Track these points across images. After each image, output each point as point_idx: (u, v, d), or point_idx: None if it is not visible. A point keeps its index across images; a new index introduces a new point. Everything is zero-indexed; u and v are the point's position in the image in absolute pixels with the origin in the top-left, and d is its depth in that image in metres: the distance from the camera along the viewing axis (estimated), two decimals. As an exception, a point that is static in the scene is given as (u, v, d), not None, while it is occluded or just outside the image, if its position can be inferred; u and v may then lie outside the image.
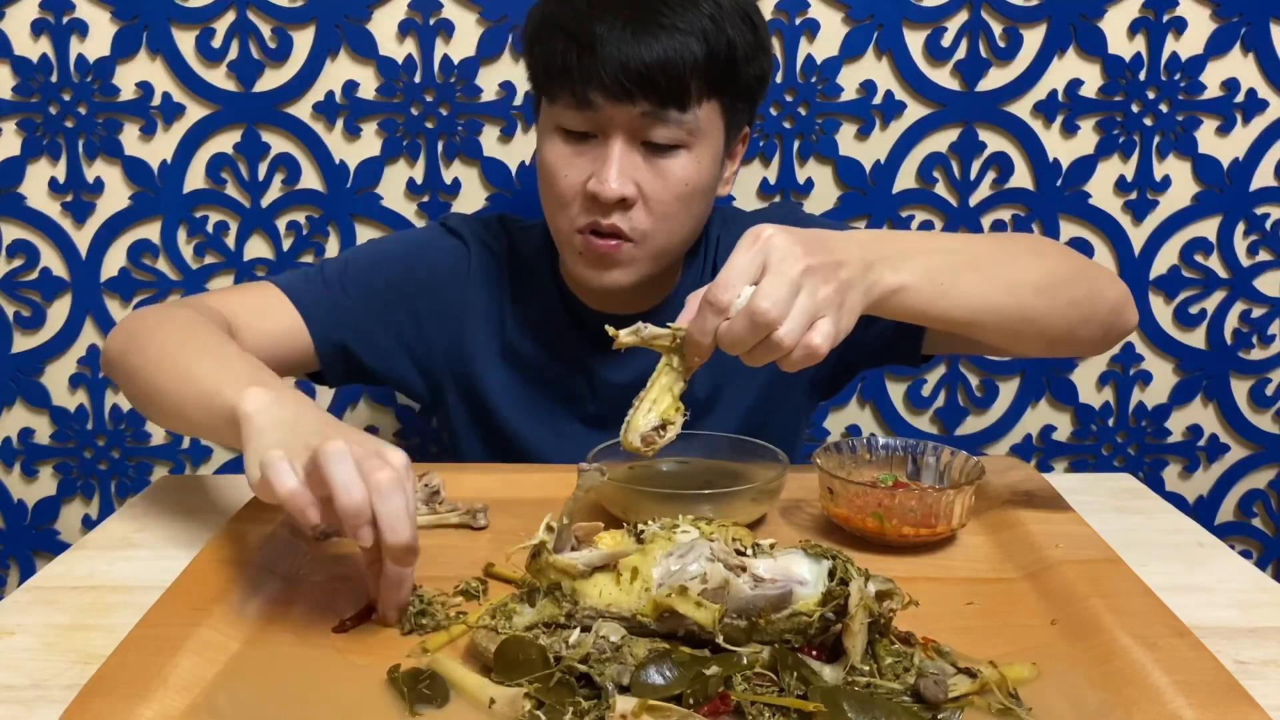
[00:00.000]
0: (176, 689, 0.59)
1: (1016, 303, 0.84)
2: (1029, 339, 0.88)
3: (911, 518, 0.80)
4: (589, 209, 0.97)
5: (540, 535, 0.65)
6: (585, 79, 0.92)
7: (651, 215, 0.97)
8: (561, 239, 1.02)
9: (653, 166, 0.96)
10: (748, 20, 0.97)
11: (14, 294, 1.44)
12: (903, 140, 1.41)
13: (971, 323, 0.83)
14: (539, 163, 1.01)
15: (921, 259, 0.79)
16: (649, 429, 0.73)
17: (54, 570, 0.80)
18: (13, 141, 1.39)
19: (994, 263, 0.84)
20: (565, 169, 0.97)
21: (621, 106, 0.93)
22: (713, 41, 0.93)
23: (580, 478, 0.68)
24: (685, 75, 0.92)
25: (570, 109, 0.95)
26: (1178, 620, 0.66)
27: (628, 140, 0.95)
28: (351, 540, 0.66)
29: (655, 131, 0.94)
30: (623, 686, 0.57)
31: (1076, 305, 0.88)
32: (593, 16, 0.92)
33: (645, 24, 0.91)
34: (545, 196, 1.02)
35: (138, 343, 0.92)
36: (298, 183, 1.41)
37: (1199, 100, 1.41)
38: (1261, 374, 1.51)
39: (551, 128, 0.98)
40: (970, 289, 0.81)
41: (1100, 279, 0.91)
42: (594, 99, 0.93)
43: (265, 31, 1.36)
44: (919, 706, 0.57)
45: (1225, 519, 1.56)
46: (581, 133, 0.96)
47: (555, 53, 0.94)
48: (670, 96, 0.93)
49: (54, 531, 1.52)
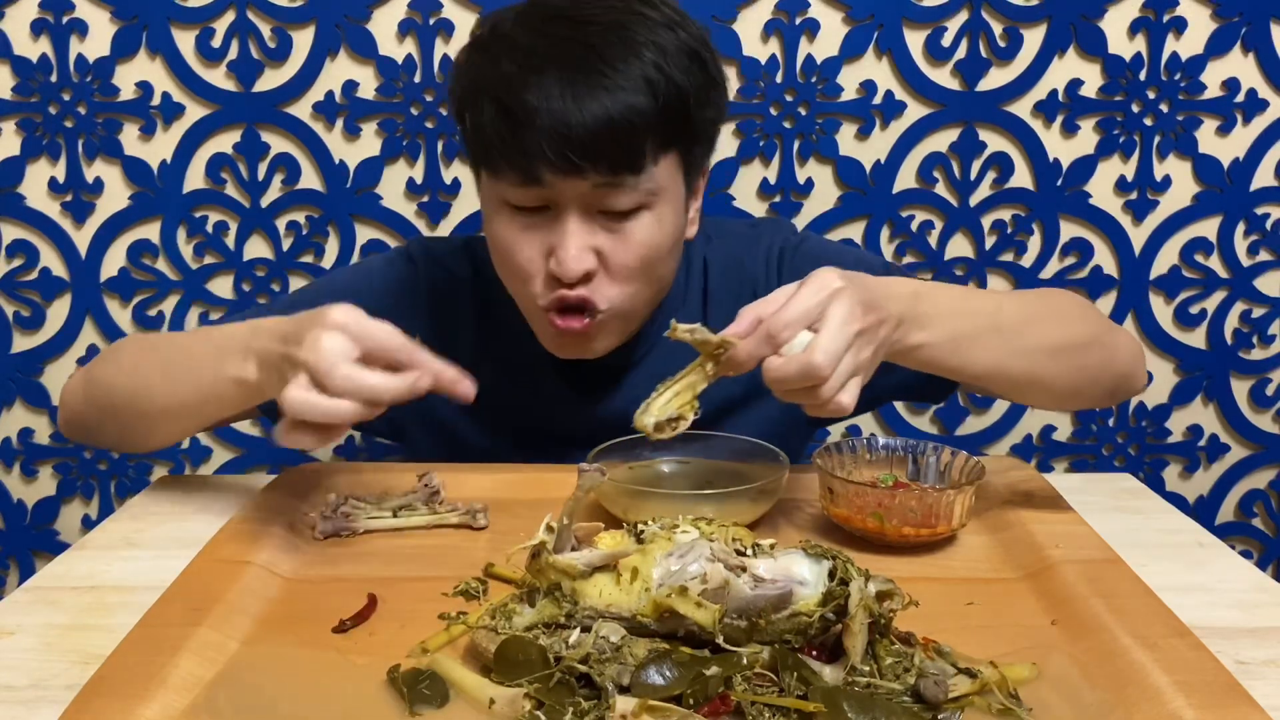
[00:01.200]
0: (176, 689, 0.59)
1: (1028, 366, 0.87)
2: (1034, 396, 0.92)
3: (911, 518, 0.80)
4: (551, 285, 0.89)
5: (540, 535, 0.65)
6: (527, 154, 0.83)
7: (616, 282, 0.89)
8: (528, 314, 0.95)
9: (613, 233, 0.88)
10: (696, 59, 0.87)
11: (14, 294, 1.44)
12: (903, 140, 1.41)
13: (980, 380, 0.87)
14: (490, 237, 0.93)
15: (950, 321, 0.82)
16: (664, 419, 0.75)
17: (54, 570, 0.80)
18: (13, 141, 1.39)
19: (1016, 329, 0.86)
20: (519, 244, 0.89)
21: (571, 180, 0.84)
22: (661, 92, 0.83)
23: (580, 478, 0.68)
24: (636, 135, 0.83)
25: (516, 185, 0.86)
26: (1178, 620, 0.66)
27: (582, 212, 0.86)
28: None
29: (612, 199, 0.86)
30: (623, 687, 0.56)
31: (1086, 370, 0.90)
32: (525, 82, 0.83)
33: (583, 84, 0.82)
34: (503, 274, 0.93)
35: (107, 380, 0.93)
36: (298, 183, 1.41)
37: (1199, 100, 1.41)
38: (1261, 374, 1.51)
39: (497, 202, 0.89)
40: (984, 353, 0.84)
41: (1116, 345, 0.93)
42: (541, 174, 0.83)
43: (265, 31, 1.36)
44: (919, 707, 0.56)
45: (1225, 519, 1.56)
46: (531, 207, 0.87)
47: (489, 124, 0.84)
48: (623, 162, 0.84)
49: (54, 531, 1.52)
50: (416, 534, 0.84)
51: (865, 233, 1.43)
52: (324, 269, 1.43)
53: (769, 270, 1.04)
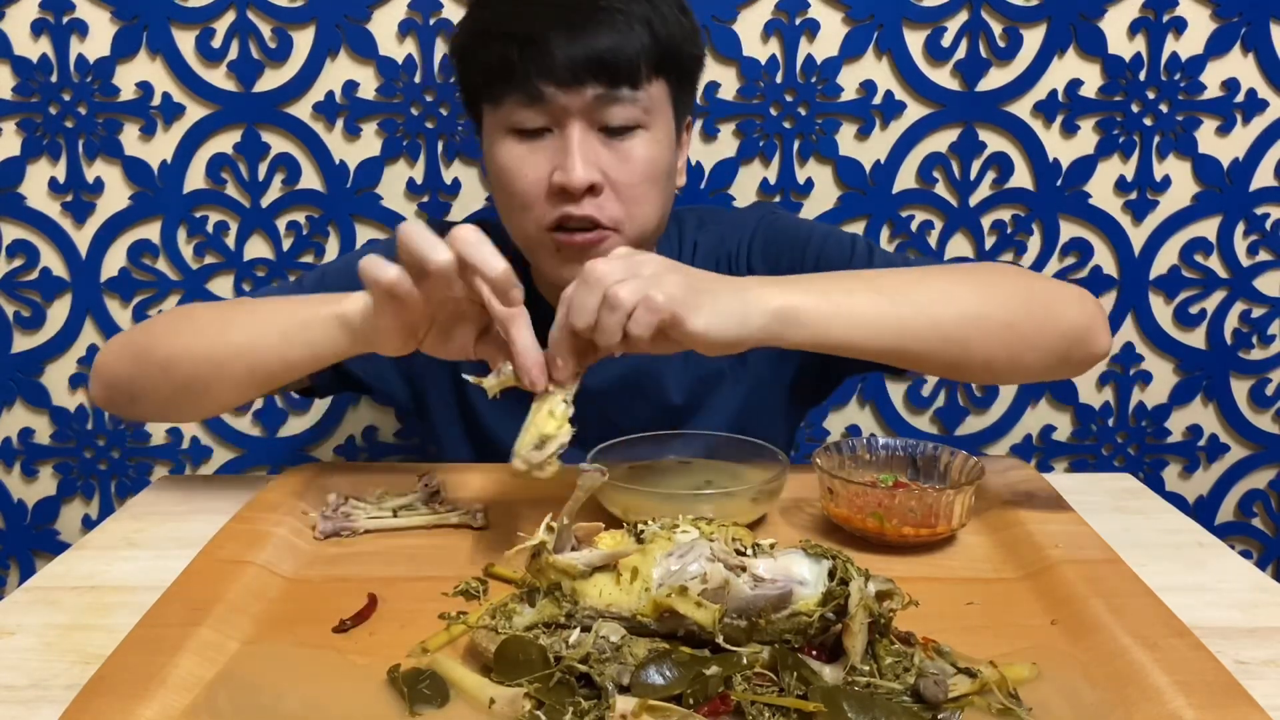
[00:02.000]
0: (176, 689, 0.59)
1: (932, 325, 0.82)
2: (966, 366, 0.86)
3: (911, 518, 0.80)
4: (556, 204, 0.94)
5: (540, 535, 0.65)
6: (535, 73, 0.91)
7: (621, 201, 0.95)
8: (531, 243, 0.99)
9: (614, 151, 0.94)
10: (680, 8, 0.98)
11: (14, 294, 1.44)
12: (903, 140, 1.41)
13: (886, 350, 0.82)
14: (493, 172, 0.99)
15: (814, 282, 0.83)
16: (529, 450, 0.74)
17: (54, 570, 0.80)
18: (13, 141, 1.39)
19: (906, 287, 0.84)
20: (523, 168, 0.95)
21: (574, 92, 0.91)
22: (655, 26, 0.93)
23: (580, 478, 0.68)
24: (633, 52, 0.92)
25: (521, 107, 0.93)
26: (1178, 620, 0.66)
27: (585, 127, 0.93)
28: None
29: (611, 113, 0.93)
30: (623, 686, 0.57)
31: (1013, 329, 0.85)
32: (530, 14, 0.92)
33: (584, 13, 0.91)
34: (505, 203, 0.99)
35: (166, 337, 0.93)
36: (298, 183, 1.41)
37: (1199, 100, 1.41)
38: (1261, 374, 1.51)
39: (502, 131, 0.96)
40: (870, 310, 0.81)
41: (1058, 304, 0.87)
42: (545, 90, 0.91)
43: (265, 31, 1.36)
44: (919, 706, 0.57)
45: (1225, 519, 1.56)
46: (534, 130, 0.94)
47: (497, 54, 0.92)
48: (620, 74, 0.92)
49: (54, 531, 1.52)
50: (416, 534, 0.84)
51: (865, 233, 1.43)
52: (324, 269, 1.43)
53: (741, 246, 1.10)
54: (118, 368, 0.95)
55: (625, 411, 1.05)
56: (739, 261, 1.10)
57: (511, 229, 1.01)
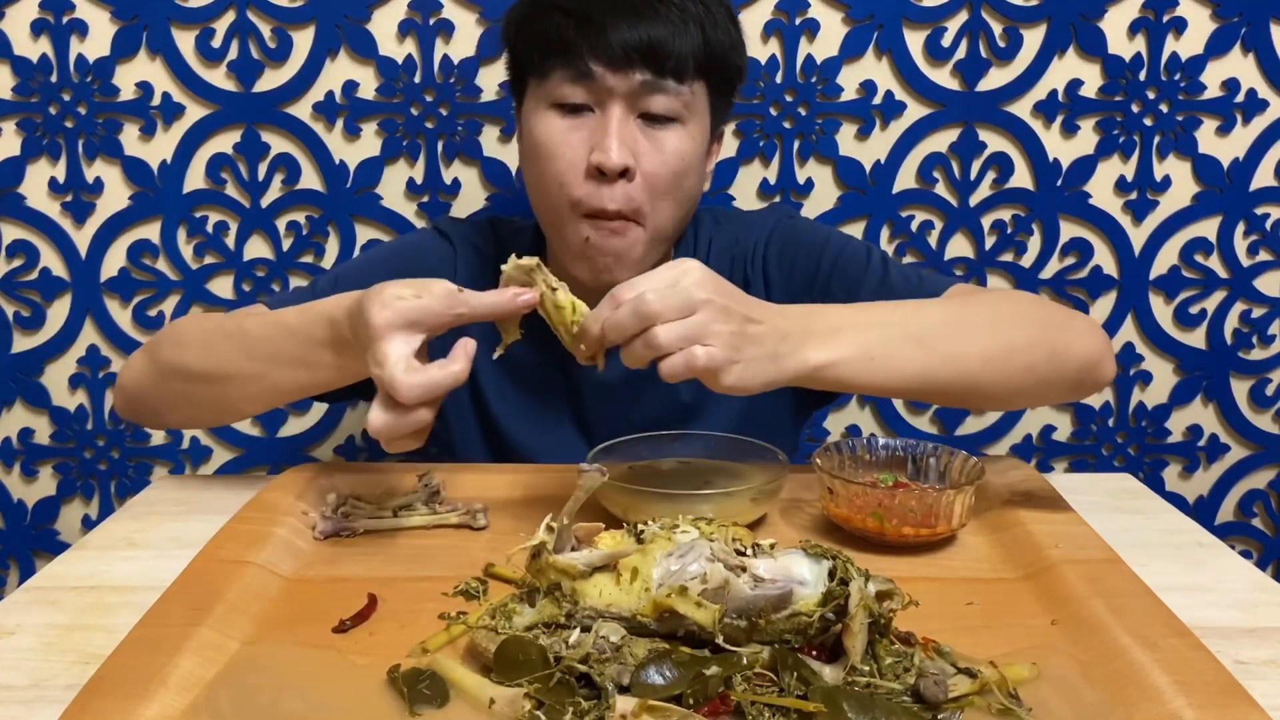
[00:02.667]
0: (176, 689, 0.59)
1: (960, 373, 0.85)
2: (982, 403, 0.93)
3: (911, 518, 0.80)
4: (589, 184, 0.96)
5: (540, 535, 0.65)
6: (588, 50, 0.93)
7: (648, 190, 0.96)
8: (559, 221, 0.99)
9: (649, 138, 0.96)
10: (732, 19, 1.01)
11: (14, 294, 1.44)
12: (903, 140, 1.41)
13: (912, 393, 0.87)
14: (528, 146, 1.00)
15: (854, 334, 0.82)
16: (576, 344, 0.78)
17: (54, 570, 0.80)
18: (13, 141, 1.39)
19: (938, 334, 0.85)
20: (562, 144, 0.96)
21: (622, 75, 0.94)
22: (707, 29, 0.96)
23: (581, 478, 0.68)
24: (684, 51, 0.94)
25: (567, 82, 0.95)
26: (1178, 620, 0.66)
27: (625, 110, 0.95)
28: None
29: (653, 101, 0.95)
30: (623, 686, 0.57)
31: (1033, 371, 0.89)
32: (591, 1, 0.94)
33: (646, 6, 0.94)
34: (539, 178, 0.99)
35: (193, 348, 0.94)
36: (298, 183, 1.41)
37: (1199, 100, 1.41)
38: (1261, 374, 1.51)
39: (544, 105, 0.98)
40: (905, 364, 0.83)
41: (1069, 338, 0.90)
42: (594, 69, 0.93)
43: (265, 31, 1.36)
44: (919, 706, 0.57)
45: (1225, 519, 1.56)
46: (575, 106, 0.96)
47: (553, 28, 0.95)
48: (667, 66, 0.94)
49: (54, 531, 1.52)
50: (416, 534, 0.84)
51: (865, 233, 1.43)
52: (324, 269, 1.43)
53: (757, 248, 1.11)
54: (140, 382, 0.98)
55: (634, 405, 1.06)
56: (754, 263, 1.10)
57: (539, 203, 1.02)
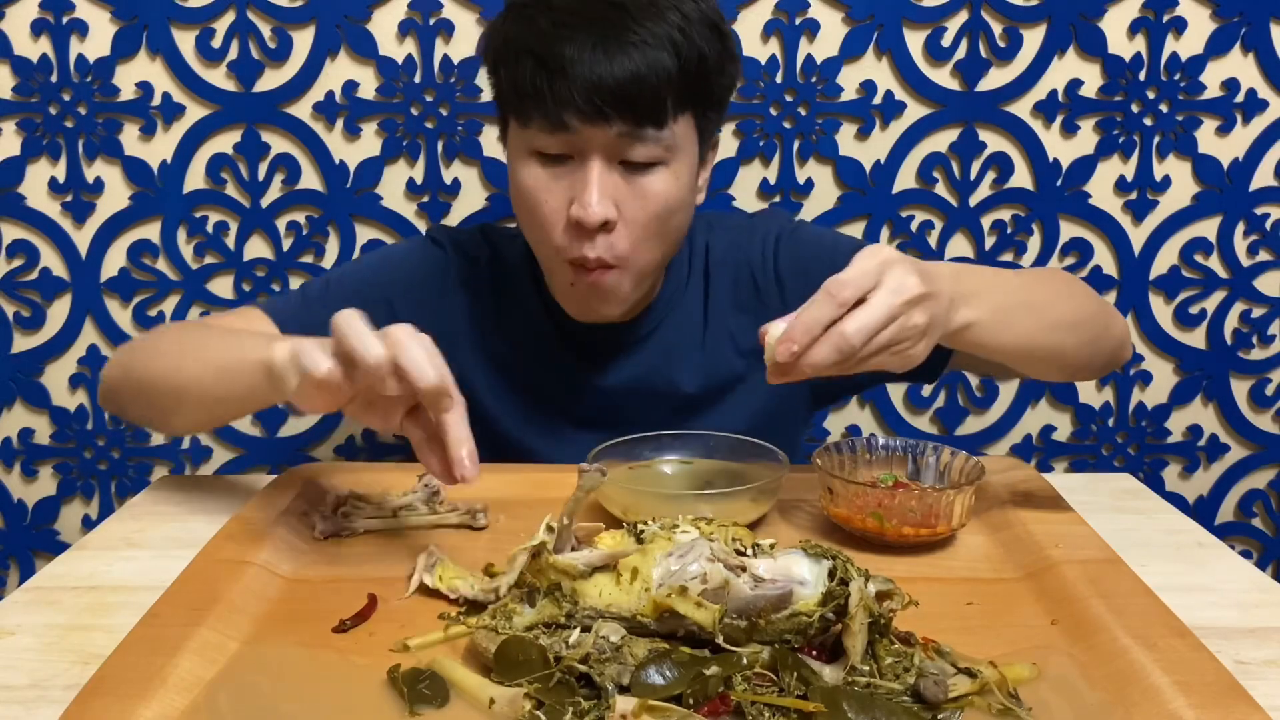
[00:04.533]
0: (176, 689, 0.59)
1: (1055, 340, 0.90)
2: (1051, 369, 0.95)
3: (911, 518, 0.80)
4: (572, 236, 0.94)
5: (540, 535, 0.65)
6: (558, 102, 0.89)
7: (631, 236, 0.95)
8: (549, 266, 1.01)
9: (632, 186, 0.94)
10: (715, 29, 0.94)
11: (14, 294, 1.44)
12: (903, 140, 1.41)
13: (1018, 356, 0.88)
14: (515, 187, 0.98)
15: (989, 298, 0.83)
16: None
17: (54, 570, 0.80)
18: (13, 141, 1.39)
19: (1043, 303, 0.90)
20: (544, 194, 0.95)
21: (597, 128, 0.90)
22: (684, 54, 0.91)
23: (581, 478, 0.68)
24: (660, 90, 0.90)
25: (544, 132, 0.92)
26: (1178, 620, 0.66)
27: (605, 161, 0.93)
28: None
29: (633, 150, 0.92)
30: (623, 686, 0.57)
31: (1095, 343, 0.95)
32: (560, 36, 0.90)
33: (614, 40, 0.89)
34: (526, 223, 0.99)
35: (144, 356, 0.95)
36: (298, 183, 1.41)
37: (1199, 100, 1.41)
38: (1261, 374, 1.51)
39: (525, 151, 0.95)
40: (1022, 327, 0.86)
41: (1111, 317, 0.98)
42: (569, 121, 0.90)
43: (265, 31, 1.36)
44: (919, 706, 0.57)
45: (1225, 519, 1.56)
46: (557, 155, 0.94)
47: (524, 76, 0.91)
48: (646, 114, 0.91)
49: (54, 531, 1.52)
50: (416, 534, 0.84)
51: (865, 233, 1.43)
52: (324, 269, 1.43)
53: (765, 254, 1.10)
54: (111, 377, 0.99)
55: (640, 409, 1.05)
56: (764, 270, 1.10)
57: (528, 239, 1.02)
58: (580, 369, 1.09)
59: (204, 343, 0.92)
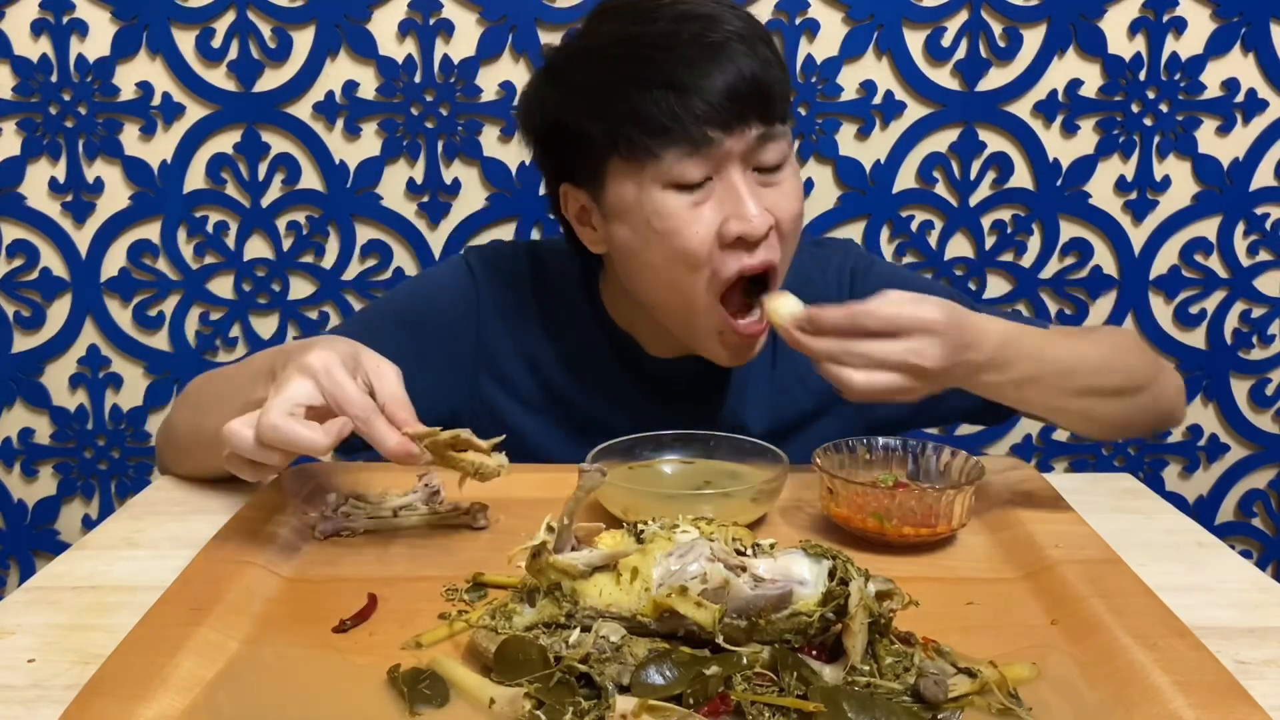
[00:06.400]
0: (176, 689, 0.59)
1: (1085, 407, 0.91)
2: (1080, 428, 0.96)
3: (911, 518, 0.80)
4: (730, 257, 0.88)
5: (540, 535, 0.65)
6: (697, 119, 0.85)
7: (782, 243, 0.91)
8: (694, 314, 0.92)
9: (771, 189, 0.90)
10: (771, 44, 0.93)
11: (14, 294, 1.44)
12: (903, 140, 1.41)
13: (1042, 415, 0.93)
14: (638, 230, 0.90)
15: (1023, 367, 0.85)
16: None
17: (54, 570, 0.80)
18: (13, 141, 1.39)
19: (1086, 369, 0.90)
20: (693, 224, 0.87)
21: (737, 135, 0.87)
22: (774, 53, 0.91)
23: (581, 478, 0.68)
24: (775, 84, 0.89)
25: (683, 158, 0.86)
26: (1178, 620, 0.66)
27: (742, 170, 0.89)
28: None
29: (767, 151, 0.89)
30: (623, 686, 0.56)
31: (1139, 410, 0.95)
32: (670, 60, 0.86)
33: (717, 49, 0.86)
34: (660, 261, 0.90)
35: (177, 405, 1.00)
36: (298, 183, 1.41)
37: (1199, 100, 1.41)
38: (1261, 374, 1.51)
39: (657, 187, 0.88)
40: (1045, 395, 0.87)
41: (1163, 385, 0.97)
42: (711, 135, 0.86)
43: (265, 31, 1.36)
44: (919, 706, 0.56)
45: (1225, 519, 1.56)
46: (694, 182, 0.88)
47: (650, 104, 0.85)
48: (774, 109, 0.89)
49: (54, 531, 1.52)
50: (416, 534, 0.84)
51: (865, 233, 1.43)
52: (324, 269, 1.43)
53: (840, 289, 1.06)
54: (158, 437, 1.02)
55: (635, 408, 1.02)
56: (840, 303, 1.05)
57: (656, 288, 0.93)
58: (645, 404, 1.03)
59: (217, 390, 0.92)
